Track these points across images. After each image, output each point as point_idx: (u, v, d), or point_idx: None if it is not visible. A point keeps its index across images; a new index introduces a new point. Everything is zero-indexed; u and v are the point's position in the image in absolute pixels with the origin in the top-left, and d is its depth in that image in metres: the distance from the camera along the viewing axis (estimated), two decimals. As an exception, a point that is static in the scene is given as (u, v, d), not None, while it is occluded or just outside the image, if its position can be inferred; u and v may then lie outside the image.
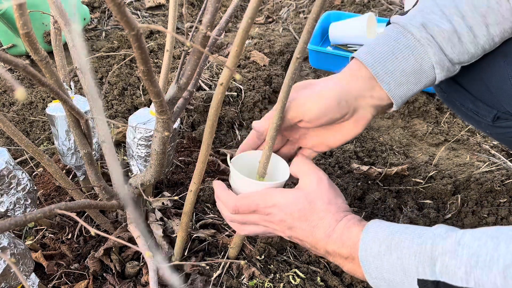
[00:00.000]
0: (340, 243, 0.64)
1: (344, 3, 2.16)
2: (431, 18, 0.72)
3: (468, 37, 0.71)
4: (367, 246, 0.61)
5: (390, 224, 0.62)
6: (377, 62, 0.71)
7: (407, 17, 0.74)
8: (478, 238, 0.51)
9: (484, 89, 0.81)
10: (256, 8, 0.48)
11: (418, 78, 0.72)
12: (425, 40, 0.71)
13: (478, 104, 0.84)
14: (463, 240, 0.52)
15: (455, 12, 0.71)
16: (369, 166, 1.22)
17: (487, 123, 0.85)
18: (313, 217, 0.67)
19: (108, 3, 0.34)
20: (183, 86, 0.63)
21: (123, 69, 1.61)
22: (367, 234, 0.62)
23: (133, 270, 0.93)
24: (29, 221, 0.45)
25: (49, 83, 0.50)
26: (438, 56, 0.71)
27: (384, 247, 0.59)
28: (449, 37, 0.71)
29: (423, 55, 0.71)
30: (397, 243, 0.58)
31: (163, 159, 0.72)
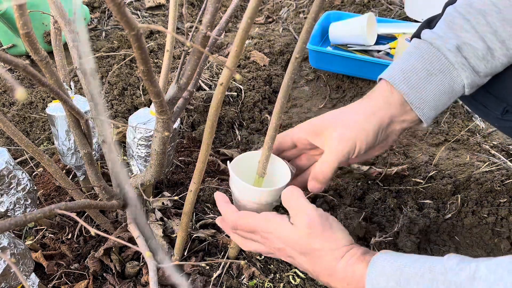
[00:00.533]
0: (344, 283, 0.62)
1: (344, 3, 2.16)
2: (464, 37, 0.72)
3: (501, 51, 0.71)
4: (373, 282, 0.58)
5: (397, 256, 0.60)
6: (412, 89, 0.72)
7: (440, 36, 0.73)
8: (494, 272, 0.49)
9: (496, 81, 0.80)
10: (255, 8, 0.48)
11: (449, 98, 0.75)
12: (459, 65, 0.72)
13: (488, 96, 0.83)
14: (477, 273, 0.50)
15: (487, 30, 0.71)
16: (369, 166, 1.22)
17: (495, 116, 0.85)
18: (312, 254, 0.65)
19: (108, 3, 0.34)
20: (183, 86, 0.63)
21: (123, 69, 1.61)
22: (374, 269, 0.59)
23: (133, 270, 0.93)
24: (29, 221, 0.45)
25: (49, 83, 0.50)
26: (470, 78, 0.73)
27: (392, 283, 0.56)
28: (483, 56, 0.71)
29: (456, 79, 0.73)
30: (406, 278, 0.55)
31: (163, 159, 0.72)
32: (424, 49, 0.74)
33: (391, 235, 1.05)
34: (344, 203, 1.14)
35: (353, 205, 1.14)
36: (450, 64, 0.72)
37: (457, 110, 1.49)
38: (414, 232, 1.05)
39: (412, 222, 1.07)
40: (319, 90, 1.65)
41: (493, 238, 1.07)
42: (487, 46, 0.71)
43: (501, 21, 0.70)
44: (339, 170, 1.24)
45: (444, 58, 0.72)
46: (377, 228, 1.08)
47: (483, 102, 0.86)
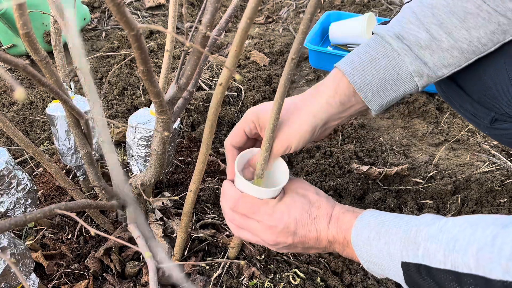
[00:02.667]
0: (337, 228, 0.69)
1: (344, 3, 2.16)
2: (408, 28, 0.75)
3: (448, 43, 0.74)
4: (358, 232, 0.66)
5: (384, 213, 0.67)
6: (356, 71, 0.76)
7: (386, 27, 0.78)
8: (459, 225, 0.55)
9: (483, 91, 0.81)
10: (255, 8, 0.48)
11: (396, 85, 0.77)
12: (402, 50, 0.75)
13: (476, 106, 0.85)
14: (445, 226, 0.56)
15: (432, 21, 0.74)
16: (369, 166, 1.22)
17: (485, 125, 0.86)
18: (311, 210, 0.71)
19: (108, 3, 0.34)
20: (183, 86, 0.63)
21: (123, 69, 1.61)
22: (361, 221, 0.67)
23: (133, 270, 0.93)
24: (29, 221, 0.45)
25: (49, 83, 0.50)
26: (415, 65, 0.75)
27: (373, 233, 0.64)
28: (427, 45, 0.74)
29: (400, 64, 0.76)
30: (386, 230, 0.63)
31: (163, 159, 0.72)
32: (372, 39, 0.79)
33: (391, 235, 1.05)
34: (344, 203, 1.15)
35: (353, 205, 1.14)
36: (392, 50, 0.75)
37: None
38: (414, 232, 1.05)
39: (412, 222, 1.07)
40: (319, 90, 1.65)
41: (493, 238, 1.07)
42: (431, 36, 0.74)
43: (447, 13, 0.73)
44: (339, 170, 1.24)
45: (387, 44, 0.76)
46: (377, 228, 1.08)
47: (472, 112, 0.87)
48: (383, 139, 1.40)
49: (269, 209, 0.71)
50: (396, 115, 1.51)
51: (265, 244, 0.75)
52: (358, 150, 1.32)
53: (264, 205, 0.71)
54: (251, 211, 0.72)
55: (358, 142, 1.36)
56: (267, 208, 0.71)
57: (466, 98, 0.86)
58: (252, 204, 0.71)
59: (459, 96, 0.87)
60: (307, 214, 0.71)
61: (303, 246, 0.73)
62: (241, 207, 0.72)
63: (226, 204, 0.75)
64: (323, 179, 1.20)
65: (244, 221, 0.73)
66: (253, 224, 0.72)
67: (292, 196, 0.73)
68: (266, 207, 0.71)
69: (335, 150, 1.31)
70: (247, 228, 0.74)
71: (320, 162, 1.27)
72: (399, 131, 1.45)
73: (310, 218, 0.71)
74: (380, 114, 0.84)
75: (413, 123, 1.47)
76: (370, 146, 1.34)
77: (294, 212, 0.71)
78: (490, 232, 0.51)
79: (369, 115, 1.53)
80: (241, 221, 0.74)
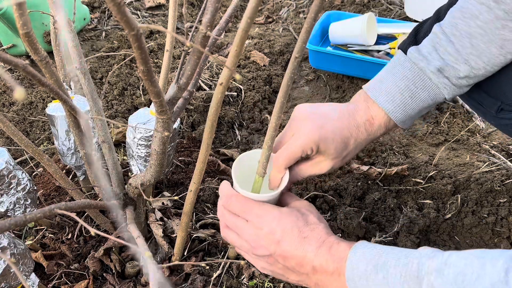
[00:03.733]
0: (328, 256, 0.64)
1: (344, 3, 2.16)
2: (447, 59, 0.77)
3: (485, 71, 0.77)
4: (353, 265, 0.61)
5: (377, 245, 0.63)
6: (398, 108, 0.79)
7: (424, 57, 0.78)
8: (464, 258, 0.52)
9: (490, 79, 0.82)
10: (255, 8, 0.48)
11: (430, 108, 0.84)
12: (442, 85, 0.79)
13: (483, 95, 0.85)
14: (449, 260, 0.53)
15: (471, 51, 0.75)
16: (369, 166, 1.22)
17: (492, 114, 0.87)
18: (304, 228, 0.67)
19: (108, 3, 0.34)
20: (183, 86, 0.63)
21: (123, 69, 1.61)
22: (355, 254, 0.62)
23: (133, 270, 0.93)
24: (29, 221, 0.45)
25: (49, 83, 0.50)
26: (452, 94, 0.80)
27: (370, 267, 0.59)
28: (465, 75, 0.77)
29: (439, 95, 0.80)
30: (384, 262, 0.59)
31: (163, 159, 0.72)
32: (408, 68, 0.80)
33: (391, 235, 1.05)
34: (344, 203, 1.14)
35: (353, 205, 1.14)
36: (432, 84, 0.79)
37: (457, 110, 1.49)
38: (414, 232, 1.05)
39: (412, 222, 1.07)
40: (319, 90, 1.65)
41: (493, 238, 1.07)
42: (470, 67, 0.76)
43: (486, 43, 0.74)
44: (339, 170, 1.24)
45: (428, 79, 0.79)
46: (377, 228, 1.08)
47: (479, 101, 0.88)
48: (383, 139, 1.40)
49: (261, 210, 0.69)
50: (396, 115, 1.51)
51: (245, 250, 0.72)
52: (358, 150, 1.32)
53: (258, 206, 0.70)
54: (242, 209, 0.70)
55: (358, 142, 1.36)
56: (259, 210, 0.69)
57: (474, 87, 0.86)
58: (245, 203, 0.70)
59: None
60: (298, 230, 0.67)
61: (284, 264, 0.68)
62: (233, 205, 0.71)
63: (220, 201, 0.74)
64: (323, 179, 1.20)
65: (233, 219, 0.72)
66: (240, 223, 0.71)
67: (291, 209, 0.70)
68: (259, 209, 0.69)
69: (335, 150, 1.31)
70: (233, 228, 0.72)
71: (320, 162, 1.27)
72: (399, 131, 1.45)
73: (299, 235, 0.66)
74: None
75: (413, 123, 1.47)
76: (370, 146, 1.34)
77: (285, 222, 0.67)
78: (501, 266, 0.48)
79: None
80: (230, 219, 0.72)
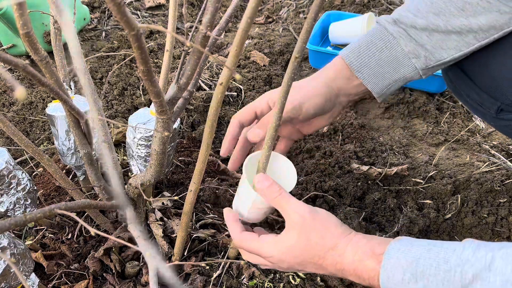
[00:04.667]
0: (355, 277, 0.62)
1: (344, 3, 2.16)
2: (405, 14, 0.79)
3: (445, 28, 0.77)
4: (389, 274, 0.58)
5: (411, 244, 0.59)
6: (352, 53, 0.81)
7: (386, 15, 0.82)
8: (511, 263, 0.49)
9: (490, 80, 0.82)
10: (255, 8, 0.48)
11: (394, 67, 0.81)
12: (397, 33, 0.79)
13: (483, 95, 0.85)
14: (493, 265, 0.50)
15: (430, 9, 0.78)
16: (369, 166, 1.22)
17: (491, 115, 0.86)
18: (315, 259, 0.65)
19: (108, 3, 0.34)
20: (183, 86, 0.63)
21: (123, 69, 1.61)
22: (389, 261, 0.58)
23: (133, 270, 0.93)
24: (29, 221, 0.45)
25: (49, 83, 0.50)
26: (410, 46, 0.79)
27: (408, 275, 0.56)
28: (423, 28, 0.78)
29: (395, 46, 0.79)
30: (423, 270, 0.55)
31: (163, 159, 0.72)
32: (372, 27, 0.84)
33: (391, 235, 1.05)
34: (344, 203, 1.14)
35: (353, 205, 1.14)
36: (388, 33, 0.80)
37: (457, 110, 1.49)
38: (414, 232, 1.05)
39: (412, 222, 1.07)
40: (319, 90, 1.65)
41: (493, 238, 1.07)
42: (429, 22, 0.77)
43: (445, 2, 0.77)
44: (339, 170, 1.24)
45: (384, 29, 0.80)
46: (377, 228, 1.08)
47: (478, 102, 0.87)
48: (383, 139, 1.40)
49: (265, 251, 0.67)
50: (396, 115, 1.51)
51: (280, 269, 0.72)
52: (358, 150, 1.32)
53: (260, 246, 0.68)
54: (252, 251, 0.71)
55: (358, 142, 1.36)
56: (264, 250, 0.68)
57: (473, 87, 0.86)
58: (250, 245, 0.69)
59: (466, 85, 0.88)
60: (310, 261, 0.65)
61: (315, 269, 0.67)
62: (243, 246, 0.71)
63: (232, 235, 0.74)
64: (323, 179, 1.20)
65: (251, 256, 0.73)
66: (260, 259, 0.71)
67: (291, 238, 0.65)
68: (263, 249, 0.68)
69: (335, 150, 1.31)
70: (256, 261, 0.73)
71: (320, 162, 1.27)
72: (399, 131, 1.45)
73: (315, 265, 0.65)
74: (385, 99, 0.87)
75: (413, 123, 1.47)
76: (370, 146, 1.34)
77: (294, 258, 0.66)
78: None
79: (369, 115, 1.53)
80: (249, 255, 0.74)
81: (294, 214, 0.65)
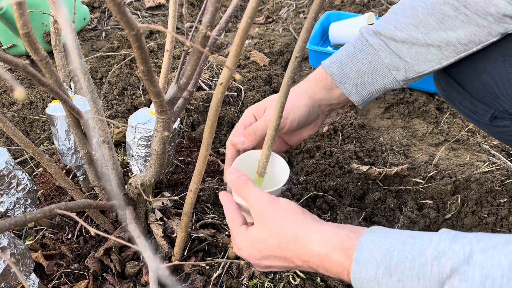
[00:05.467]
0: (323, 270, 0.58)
1: (344, 3, 2.16)
2: (386, 26, 0.81)
3: (424, 41, 0.78)
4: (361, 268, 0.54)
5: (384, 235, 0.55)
6: (334, 64, 0.82)
7: (368, 26, 0.84)
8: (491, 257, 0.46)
9: (482, 88, 0.82)
10: (255, 8, 0.48)
11: (374, 78, 0.83)
12: (377, 45, 0.80)
13: (476, 103, 0.85)
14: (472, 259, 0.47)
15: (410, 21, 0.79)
16: (369, 166, 1.22)
17: (485, 122, 0.86)
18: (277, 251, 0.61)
19: (108, 3, 0.34)
20: (183, 86, 0.63)
21: (123, 69, 1.61)
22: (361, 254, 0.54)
23: (133, 270, 0.93)
24: (29, 221, 0.45)
25: (49, 83, 0.50)
26: (389, 58, 0.80)
27: (382, 269, 0.52)
28: (403, 40, 0.79)
29: (376, 58, 0.81)
30: (397, 263, 0.51)
31: (163, 159, 0.72)
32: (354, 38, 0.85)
33: (391, 235, 1.05)
34: (344, 203, 1.14)
35: (353, 205, 1.14)
36: (368, 45, 0.81)
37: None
38: (414, 232, 1.05)
39: (412, 222, 1.07)
40: (319, 90, 1.65)
41: (493, 238, 1.07)
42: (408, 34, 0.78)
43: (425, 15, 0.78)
44: (339, 170, 1.24)
45: (365, 40, 0.82)
46: (377, 228, 1.08)
47: (472, 109, 0.88)
48: (383, 139, 1.40)
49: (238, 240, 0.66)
50: (396, 115, 1.51)
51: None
52: (358, 150, 1.32)
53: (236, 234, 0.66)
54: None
55: (358, 142, 1.36)
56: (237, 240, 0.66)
57: (466, 95, 0.86)
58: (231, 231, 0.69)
59: (459, 93, 0.88)
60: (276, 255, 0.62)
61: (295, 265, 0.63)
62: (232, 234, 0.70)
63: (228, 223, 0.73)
64: (323, 179, 1.20)
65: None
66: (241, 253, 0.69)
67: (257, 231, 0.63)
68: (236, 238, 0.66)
69: (335, 150, 1.31)
70: None
71: (320, 162, 1.27)
72: (399, 131, 1.45)
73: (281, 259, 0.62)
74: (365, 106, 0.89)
75: (413, 123, 1.47)
76: (370, 146, 1.34)
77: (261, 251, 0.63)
78: None
79: (369, 115, 1.53)
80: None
81: (256, 204, 0.63)
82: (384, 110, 1.52)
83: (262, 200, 0.63)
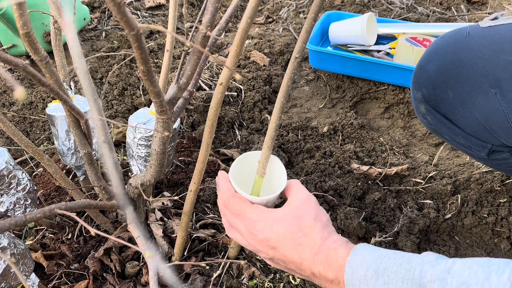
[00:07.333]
0: (325, 265, 0.61)
1: (344, 3, 2.16)
2: None
3: None
4: (353, 270, 0.58)
5: (378, 248, 0.60)
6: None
7: None
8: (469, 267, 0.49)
9: (477, 125, 0.79)
10: (255, 8, 0.48)
11: None
12: None
13: (471, 139, 0.82)
14: (453, 268, 0.50)
15: None
16: (369, 166, 1.22)
17: (481, 157, 0.84)
18: (298, 234, 0.64)
19: (108, 3, 0.34)
20: (183, 86, 0.63)
21: (123, 69, 1.61)
22: (354, 257, 0.59)
23: (133, 270, 0.93)
24: (29, 221, 0.45)
25: (49, 83, 0.50)
26: None
27: (371, 272, 0.56)
28: None
29: None
30: (385, 267, 0.56)
31: (163, 159, 0.72)
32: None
33: (391, 235, 1.05)
34: (344, 203, 1.14)
35: (353, 205, 1.14)
36: None
37: (457, 110, 1.49)
38: (414, 232, 1.05)
39: (412, 222, 1.07)
40: (319, 90, 1.65)
41: (493, 238, 1.07)
42: None
43: None
44: (339, 170, 1.24)
45: None
46: (377, 228, 1.08)
47: (466, 145, 0.85)
48: (383, 139, 1.40)
49: (254, 215, 0.67)
50: (396, 115, 1.51)
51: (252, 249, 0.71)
52: (358, 150, 1.32)
53: (251, 209, 0.68)
54: (238, 212, 0.69)
55: (358, 142, 1.36)
56: (253, 214, 0.67)
57: (459, 132, 0.83)
58: (240, 206, 0.69)
59: (451, 130, 0.85)
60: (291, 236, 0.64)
61: (285, 266, 0.67)
62: (231, 205, 0.70)
63: (220, 199, 0.73)
64: (323, 179, 1.20)
65: (234, 219, 0.71)
66: (240, 225, 0.70)
67: (285, 212, 0.67)
68: (252, 213, 0.67)
69: (335, 150, 1.31)
70: (236, 228, 0.72)
71: (320, 162, 1.27)
72: (399, 131, 1.45)
73: (293, 242, 0.64)
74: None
75: (413, 123, 1.47)
76: (370, 146, 1.34)
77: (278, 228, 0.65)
78: (507, 278, 0.46)
79: (369, 115, 1.53)
80: (232, 219, 0.72)
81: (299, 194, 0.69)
82: (384, 110, 1.52)
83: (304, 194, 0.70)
